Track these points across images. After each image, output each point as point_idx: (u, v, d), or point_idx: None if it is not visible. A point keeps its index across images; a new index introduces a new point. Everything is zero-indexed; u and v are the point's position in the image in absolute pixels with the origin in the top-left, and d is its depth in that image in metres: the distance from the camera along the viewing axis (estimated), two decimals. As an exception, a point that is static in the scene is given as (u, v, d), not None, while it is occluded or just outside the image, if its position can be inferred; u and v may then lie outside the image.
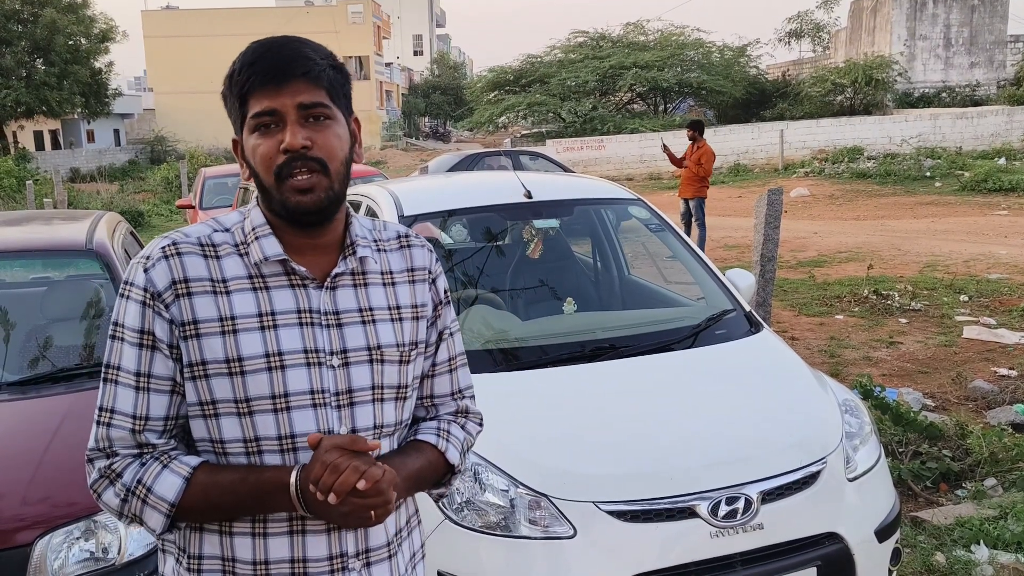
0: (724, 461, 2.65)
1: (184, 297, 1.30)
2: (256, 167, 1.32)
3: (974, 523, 3.72)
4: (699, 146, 10.83)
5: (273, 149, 1.29)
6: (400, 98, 56.13)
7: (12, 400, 3.08)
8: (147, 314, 1.30)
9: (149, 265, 1.31)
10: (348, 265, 1.38)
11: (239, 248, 1.35)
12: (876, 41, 30.17)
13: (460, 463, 1.50)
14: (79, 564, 2.50)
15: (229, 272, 1.33)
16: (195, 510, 1.30)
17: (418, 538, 1.53)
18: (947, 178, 19.01)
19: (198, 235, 1.35)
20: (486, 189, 4.23)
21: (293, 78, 1.29)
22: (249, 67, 1.30)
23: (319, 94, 1.31)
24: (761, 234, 5.62)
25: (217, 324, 1.30)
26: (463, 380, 1.56)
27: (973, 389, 5.57)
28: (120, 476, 1.30)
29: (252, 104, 1.30)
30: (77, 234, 3.91)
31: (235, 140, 1.39)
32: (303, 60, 1.31)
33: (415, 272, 1.47)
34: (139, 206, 19.11)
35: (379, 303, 1.40)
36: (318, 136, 1.30)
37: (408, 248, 1.48)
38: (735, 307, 3.54)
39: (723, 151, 25.11)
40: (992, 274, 9.22)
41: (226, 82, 1.34)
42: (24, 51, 32.14)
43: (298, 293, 1.34)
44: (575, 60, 30.63)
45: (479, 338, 3.23)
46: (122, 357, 1.31)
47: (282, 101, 1.29)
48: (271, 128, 1.30)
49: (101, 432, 1.31)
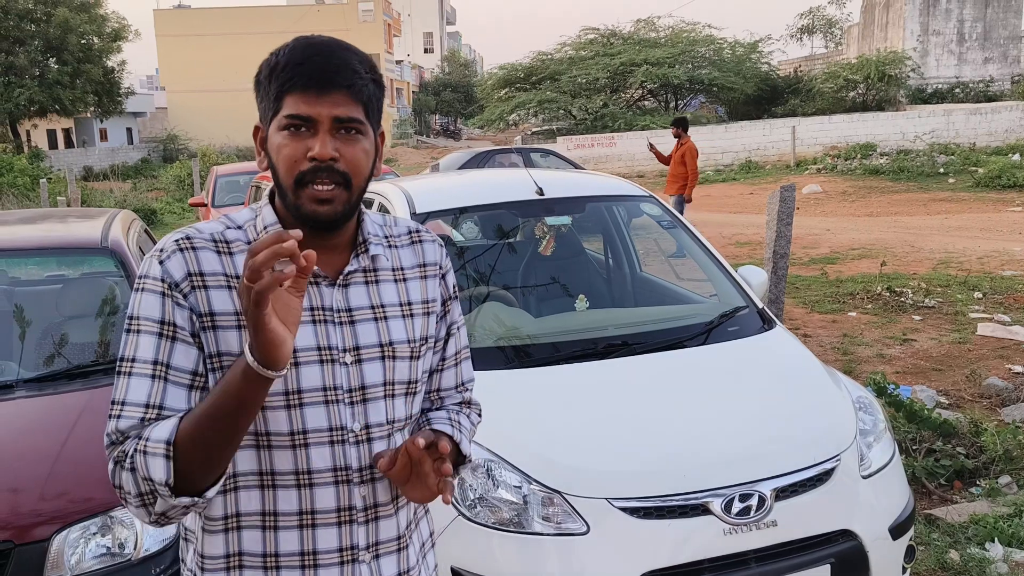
0: (737, 458, 2.65)
1: (200, 289, 1.29)
2: (278, 165, 1.31)
3: (988, 521, 3.71)
4: (683, 143, 10.90)
5: (299, 153, 1.28)
6: (411, 96, 56.20)
7: (29, 397, 3.10)
8: (167, 304, 1.28)
9: (164, 257, 1.30)
10: (360, 263, 1.38)
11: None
12: (889, 36, 30.00)
13: (471, 455, 1.53)
14: (96, 559, 2.52)
15: (242, 269, 1.33)
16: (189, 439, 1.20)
17: (426, 528, 1.54)
18: (961, 174, 18.89)
19: (211, 231, 1.35)
20: (498, 186, 4.23)
21: (335, 89, 1.28)
22: (295, 67, 1.28)
23: (356, 109, 1.30)
24: (773, 231, 5.61)
25: (233, 318, 1.30)
26: (467, 373, 1.58)
27: (987, 386, 5.54)
28: (127, 452, 1.24)
29: (288, 104, 1.29)
30: (92, 232, 3.93)
31: (258, 126, 1.38)
32: (349, 72, 1.29)
33: (426, 268, 1.47)
34: (152, 204, 19.22)
35: (391, 300, 1.40)
36: (347, 149, 1.29)
37: (420, 244, 1.49)
38: (748, 304, 3.53)
39: (734, 148, 25.09)
40: (1006, 271, 9.16)
41: (264, 70, 1.32)
42: (37, 50, 32.38)
43: (311, 291, 1.34)
44: (586, 57, 30.57)
45: (491, 335, 3.24)
46: (138, 348, 1.27)
47: (319, 111, 1.27)
48: (301, 131, 1.29)
49: (112, 425, 1.28)
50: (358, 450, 1.35)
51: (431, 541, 1.55)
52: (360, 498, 1.36)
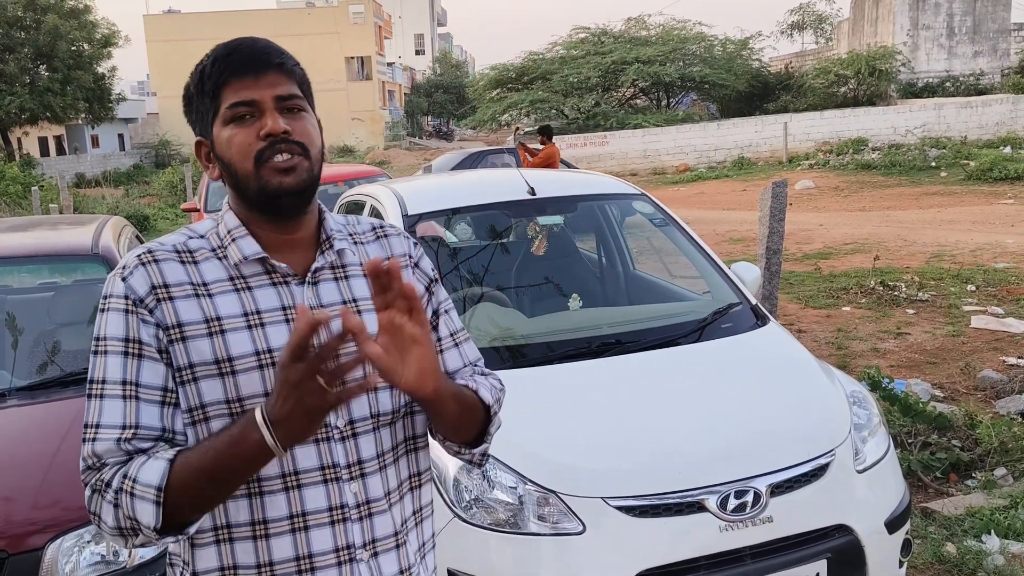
0: (732, 455, 2.65)
1: (166, 301, 1.29)
2: (232, 158, 1.32)
3: (984, 513, 3.71)
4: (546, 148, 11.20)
5: (251, 136, 1.30)
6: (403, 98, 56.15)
7: (21, 405, 3.09)
8: (131, 321, 1.28)
9: (126, 274, 1.30)
10: (327, 259, 1.38)
11: (216, 252, 1.35)
12: (879, 31, 30.05)
13: (495, 405, 1.46)
14: (90, 567, 2.51)
15: (209, 276, 1.33)
16: (182, 487, 1.19)
17: (428, 529, 1.51)
18: (952, 168, 18.93)
19: (173, 243, 1.36)
20: (490, 187, 4.23)
21: (269, 68, 1.31)
22: (224, 59, 1.32)
23: (293, 86, 1.34)
24: (766, 227, 5.61)
25: (203, 326, 1.29)
26: (471, 353, 1.54)
27: (982, 379, 5.56)
28: (109, 485, 1.22)
29: (227, 95, 1.31)
30: (83, 238, 3.92)
31: (199, 142, 1.39)
32: (276, 52, 1.34)
33: (396, 260, 1.46)
34: (144, 210, 19.14)
35: (363, 294, 1.39)
36: (296, 124, 1.32)
37: (385, 238, 1.49)
38: (741, 300, 3.53)
39: (727, 145, 25.12)
40: (999, 263, 9.19)
41: (194, 78, 1.34)
42: (27, 57, 32.26)
43: (281, 290, 1.34)
44: (577, 56, 30.57)
45: (485, 336, 3.23)
46: (107, 369, 1.27)
47: (260, 92, 1.30)
48: (247, 119, 1.31)
49: (87, 449, 1.25)
50: (344, 446, 1.34)
51: (432, 542, 1.53)
52: (352, 495, 1.34)
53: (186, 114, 1.39)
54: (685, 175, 23.45)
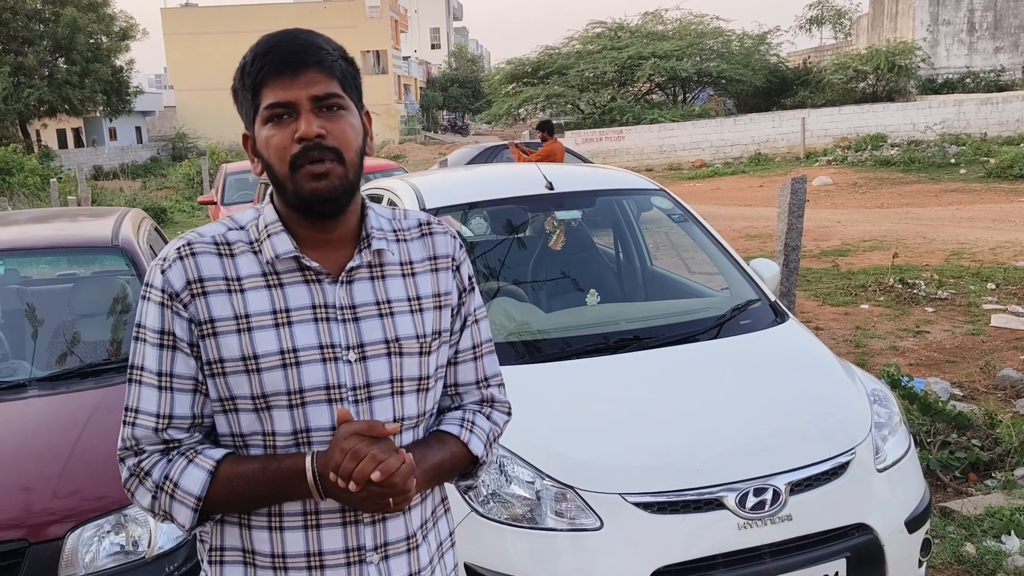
0: (751, 452, 2.63)
1: (200, 297, 1.31)
2: (270, 158, 1.32)
3: (1004, 513, 3.68)
4: (549, 145, 10.70)
5: (287, 139, 1.29)
6: (418, 92, 56.17)
7: (42, 395, 3.11)
8: (166, 315, 1.32)
9: (166, 267, 1.33)
10: (363, 258, 1.37)
11: (253, 246, 1.35)
12: (898, 27, 29.79)
13: (485, 454, 1.47)
14: (110, 557, 2.53)
15: (244, 270, 1.33)
16: (220, 502, 1.31)
17: (446, 526, 1.51)
18: (972, 165, 18.76)
19: (213, 234, 1.36)
20: (507, 181, 4.22)
21: (306, 67, 1.29)
22: (262, 57, 1.30)
23: (332, 84, 1.31)
24: (785, 223, 5.58)
25: (232, 323, 1.31)
26: (489, 368, 1.53)
27: (1002, 378, 5.50)
28: (149, 474, 1.32)
29: (265, 95, 1.30)
30: (103, 230, 3.94)
31: (246, 135, 1.39)
32: (315, 50, 1.31)
33: (438, 260, 1.45)
34: (161, 202, 19.28)
35: (397, 295, 1.39)
36: (332, 126, 1.30)
37: (430, 236, 1.47)
38: (760, 297, 3.51)
39: (743, 140, 24.99)
40: (1019, 261, 9.09)
41: (238, 75, 1.34)
42: (46, 50, 32.53)
43: (313, 289, 1.34)
44: (593, 51, 30.49)
45: (502, 330, 3.22)
46: (145, 358, 1.33)
47: (296, 93, 1.29)
48: (284, 119, 1.30)
49: (127, 432, 1.34)
50: None
51: (451, 540, 1.53)
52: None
53: (236, 105, 1.39)
54: (701, 171, 23.34)
